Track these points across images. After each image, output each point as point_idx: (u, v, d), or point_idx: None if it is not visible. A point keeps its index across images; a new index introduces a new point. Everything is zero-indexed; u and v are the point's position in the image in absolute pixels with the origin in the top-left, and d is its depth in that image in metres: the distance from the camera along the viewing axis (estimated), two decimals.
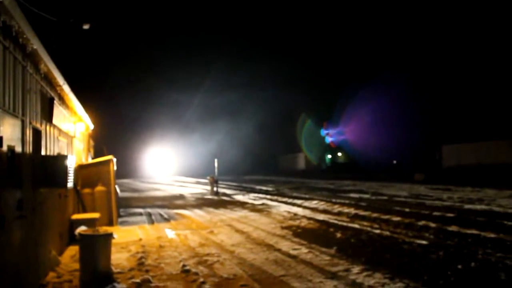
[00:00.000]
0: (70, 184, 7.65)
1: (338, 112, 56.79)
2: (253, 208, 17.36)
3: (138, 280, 6.87)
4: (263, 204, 19.05)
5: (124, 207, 18.64)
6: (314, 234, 10.91)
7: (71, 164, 7.74)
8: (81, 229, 7.48)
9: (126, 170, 58.74)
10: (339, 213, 14.77)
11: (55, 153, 8.30)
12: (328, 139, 58.57)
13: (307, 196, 21.56)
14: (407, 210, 14.53)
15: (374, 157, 48.64)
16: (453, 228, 10.79)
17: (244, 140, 66.03)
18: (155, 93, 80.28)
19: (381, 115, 51.01)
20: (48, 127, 7.71)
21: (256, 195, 24.53)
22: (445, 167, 38.18)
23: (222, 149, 57.65)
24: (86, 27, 11.12)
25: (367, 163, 48.22)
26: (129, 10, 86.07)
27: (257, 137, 66.41)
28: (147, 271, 7.52)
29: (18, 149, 5.49)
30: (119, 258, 8.46)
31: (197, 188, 34.01)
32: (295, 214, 14.82)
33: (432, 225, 11.28)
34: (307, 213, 15.14)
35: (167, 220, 14.48)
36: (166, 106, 73.86)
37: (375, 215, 13.66)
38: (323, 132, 58.89)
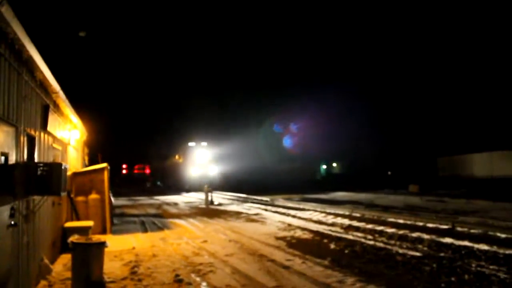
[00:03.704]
0: (63, 192, 7.61)
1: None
2: (248, 218, 17.30)
3: None
4: (257, 214, 18.99)
5: (118, 215, 18.54)
6: (308, 245, 10.89)
7: (65, 171, 7.70)
8: (74, 237, 7.43)
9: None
10: (333, 224, 14.74)
11: (49, 160, 8.26)
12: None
13: (301, 206, 21.51)
14: (401, 221, 14.53)
15: (369, 168, 48.85)
16: (447, 240, 10.79)
17: (246, 156, 64.26)
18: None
19: (376, 126, 51.34)
20: (42, 134, 7.69)
21: (250, 205, 24.46)
22: (440, 178, 38.34)
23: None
24: (82, 34, 11.14)
25: (362, 174, 48.41)
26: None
27: (257, 151, 64.71)
28: (139, 280, 7.47)
29: (12, 156, 5.47)
30: (112, 266, 8.39)
31: (191, 197, 33.90)
32: (289, 225, 14.78)
33: (426, 236, 11.28)
34: (301, 223, 15.10)
35: (160, 228, 14.40)
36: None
37: (369, 226, 13.65)
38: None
